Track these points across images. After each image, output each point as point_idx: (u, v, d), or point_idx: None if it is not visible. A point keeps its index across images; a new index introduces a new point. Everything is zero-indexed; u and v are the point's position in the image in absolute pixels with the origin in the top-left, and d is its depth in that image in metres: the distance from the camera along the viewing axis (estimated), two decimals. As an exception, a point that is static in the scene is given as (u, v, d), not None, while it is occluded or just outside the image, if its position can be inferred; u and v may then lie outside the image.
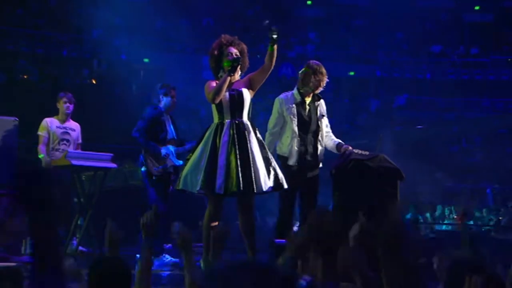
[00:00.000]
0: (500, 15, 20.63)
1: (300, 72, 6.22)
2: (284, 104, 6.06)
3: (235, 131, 5.45)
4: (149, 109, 7.13)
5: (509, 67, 19.45)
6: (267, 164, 5.49)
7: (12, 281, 3.02)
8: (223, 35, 5.72)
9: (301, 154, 6.03)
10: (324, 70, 6.13)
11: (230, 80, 5.57)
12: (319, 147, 6.10)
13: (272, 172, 5.50)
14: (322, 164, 6.16)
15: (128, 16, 16.42)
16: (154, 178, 6.94)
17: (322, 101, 6.19)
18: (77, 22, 14.02)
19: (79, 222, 7.53)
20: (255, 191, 5.40)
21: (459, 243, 10.29)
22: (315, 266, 2.98)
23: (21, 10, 15.03)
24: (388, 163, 5.88)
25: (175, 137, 7.16)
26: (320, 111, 6.15)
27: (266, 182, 5.45)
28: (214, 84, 5.58)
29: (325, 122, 6.19)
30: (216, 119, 5.57)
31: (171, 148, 7.07)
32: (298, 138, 6.01)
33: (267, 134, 6.09)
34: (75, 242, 7.44)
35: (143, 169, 7.06)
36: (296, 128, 6.02)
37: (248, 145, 5.45)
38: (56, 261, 2.20)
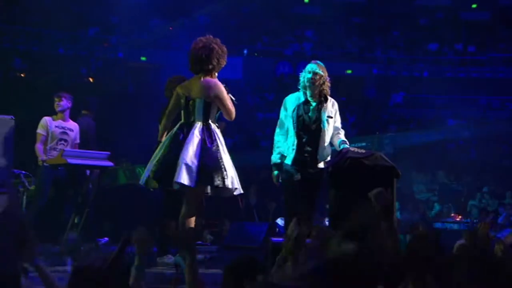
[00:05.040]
0: (497, 13, 20.66)
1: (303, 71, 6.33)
2: (287, 104, 6.17)
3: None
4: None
5: (505, 65, 19.50)
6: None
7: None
8: (220, 44, 5.74)
9: (299, 154, 6.10)
10: (313, 69, 6.17)
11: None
12: (320, 148, 6.15)
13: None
14: (325, 165, 6.20)
15: (125, 14, 16.41)
16: None
17: (330, 103, 6.22)
18: (73, 20, 14.00)
19: (76, 221, 7.55)
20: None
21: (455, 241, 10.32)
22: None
23: (17, 8, 15.01)
24: (384, 161, 5.91)
25: None
26: (325, 112, 6.19)
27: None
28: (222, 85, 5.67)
29: (332, 123, 6.24)
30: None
31: None
32: (297, 139, 6.08)
33: (277, 134, 6.23)
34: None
35: None
36: (295, 128, 6.10)
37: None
38: None
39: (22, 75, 14.24)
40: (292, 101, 6.20)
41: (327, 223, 7.06)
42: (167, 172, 5.42)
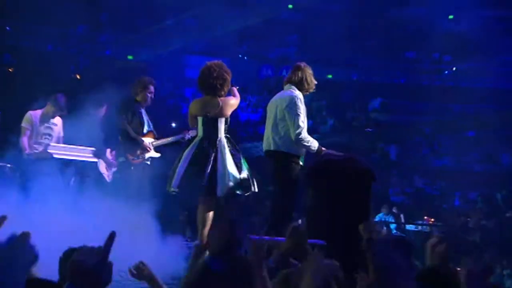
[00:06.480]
0: (473, 24, 20.77)
1: (298, 73, 6.24)
2: (303, 101, 6.17)
3: None
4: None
5: (480, 75, 19.59)
6: None
7: None
8: (228, 70, 6.41)
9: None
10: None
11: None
12: None
13: None
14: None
15: (114, 13, 16.27)
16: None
17: None
18: (62, 17, 13.81)
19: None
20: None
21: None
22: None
23: (7, 3, 14.80)
24: (361, 164, 5.85)
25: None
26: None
27: None
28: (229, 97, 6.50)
29: None
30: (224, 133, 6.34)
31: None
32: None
33: (305, 131, 6.02)
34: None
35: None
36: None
37: None
38: None
39: (10, 69, 14.06)
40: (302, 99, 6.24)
41: (300, 222, 7.04)
42: (212, 184, 6.14)
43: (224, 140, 6.30)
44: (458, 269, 3.04)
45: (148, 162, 7.20)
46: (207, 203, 6.22)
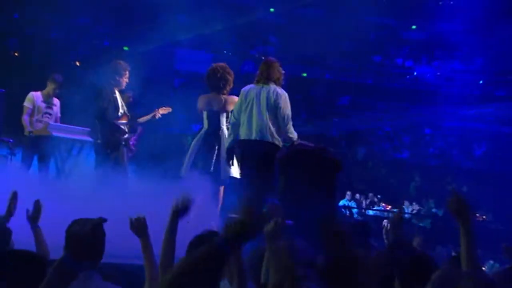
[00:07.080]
0: (433, 35, 20.97)
1: (275, 71, 6.31)
2: None
3: None
4: None
5: (437, 80, 19.80)
6: None
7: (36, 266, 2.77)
8: (230, 72, 6.85)
9: None
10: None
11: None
12: None
13: None
14: None
15: (113, 7, 16.12)
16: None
17: None
18: (66, 8, 13.65)
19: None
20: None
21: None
22: None
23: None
24: (330, 154, 5.91)
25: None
26: None
27: None
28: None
29: None
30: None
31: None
32: None
33: (291, 124, 6.23)
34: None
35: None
36: None
37: None
38: None
39: (16, 54, 13.88)
40: None
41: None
42: (217, 171, 6.46)
43: (225, 131, 6.61)
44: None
45: (123, 143, 7.20)
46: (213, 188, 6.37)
